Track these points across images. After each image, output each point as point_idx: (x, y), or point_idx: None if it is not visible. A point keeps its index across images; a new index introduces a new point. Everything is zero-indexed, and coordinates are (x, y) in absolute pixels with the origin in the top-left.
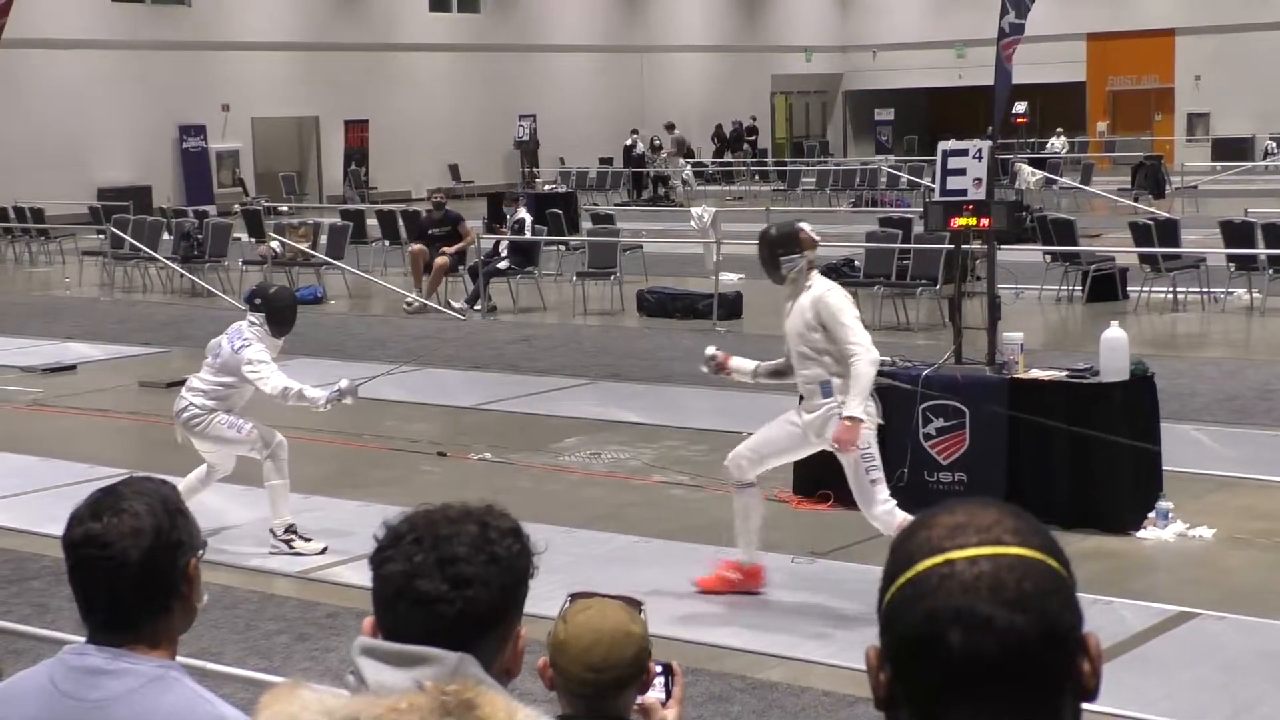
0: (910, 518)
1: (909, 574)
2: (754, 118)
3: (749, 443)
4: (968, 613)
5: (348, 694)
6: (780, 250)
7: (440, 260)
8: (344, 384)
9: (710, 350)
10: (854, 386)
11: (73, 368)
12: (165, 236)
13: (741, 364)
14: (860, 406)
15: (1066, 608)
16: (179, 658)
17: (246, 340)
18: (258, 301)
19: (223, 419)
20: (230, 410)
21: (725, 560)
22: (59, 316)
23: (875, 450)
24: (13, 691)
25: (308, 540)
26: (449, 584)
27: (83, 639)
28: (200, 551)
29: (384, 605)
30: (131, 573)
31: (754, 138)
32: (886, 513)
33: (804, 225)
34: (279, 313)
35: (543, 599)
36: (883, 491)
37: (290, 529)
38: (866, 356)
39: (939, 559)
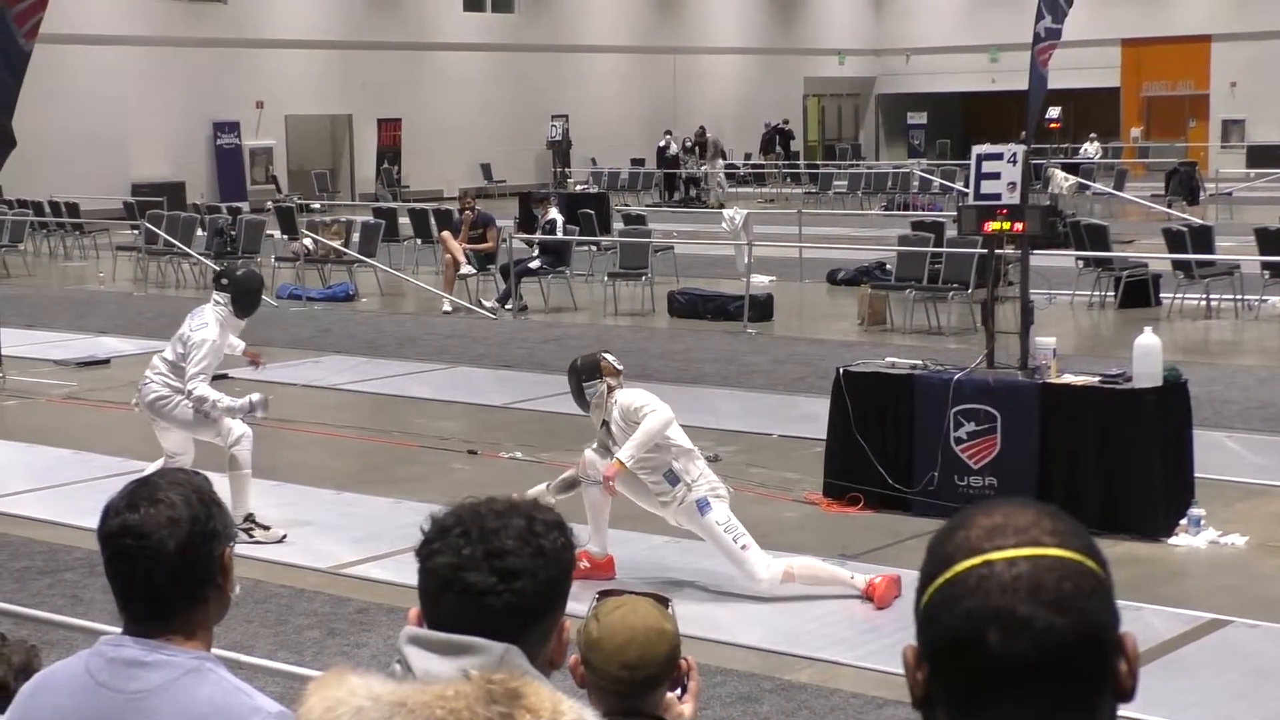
0: (790, 563)
1: (947, 574)
2: (787, 121)
3: (594, 458)
4: (1007, 613)
5: (395, 681)
6: (584, 378)
7: (449, 258)
8: (255, 397)
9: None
10: (637, 434)
11: (106, 362)
12: (199, 232)
13: (534, 490)
14: (630, 454)
15: (1105, 609)
16: (213, 650)
17: (204, 322)
18: (224, 281)
19: (187, 402)
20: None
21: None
22: (93, 311)
23: (734, 520)
24: (49, 682)
25: (266, 528)
26: (497, 576)
27: (117, 630)
28: (233, 543)
29: (431, 597)
30: (169, 563)
31: (790, 140)
32: (770, 576)
33: (607, 355)
34: (245, 294)
35: (570, 597)
36: (757, 556)
37: (249, 518)
38: (657, 414)
39: (977, 560)
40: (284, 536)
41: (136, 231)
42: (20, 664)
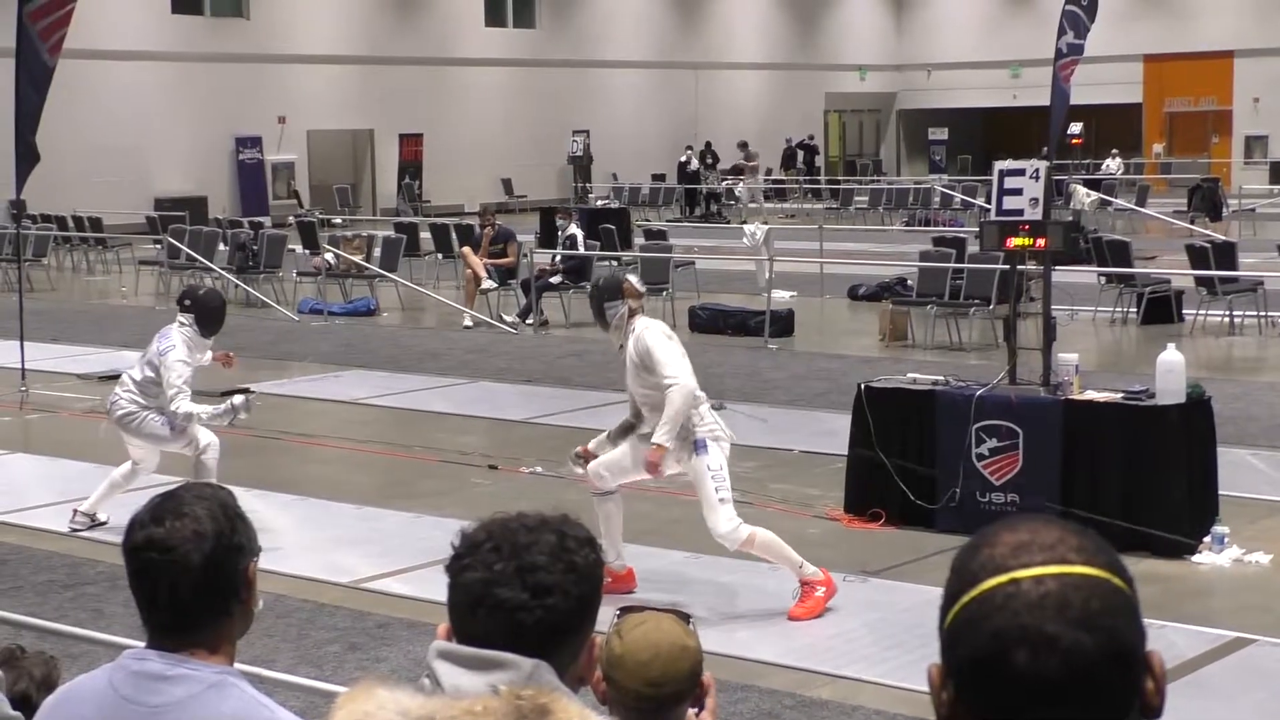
0: (756, 531)
1: (973, 593)
2: (812, 136)
3: (605, 459)
4: (1034, 632)
5: (423, 696)
6: (605, 298)
7: (470, 273)
8: (237, 400)
9: (574, 452)
10: (665, 414)
11: None
12: (221, 247)
13: (597, 441)
14: (668, 435)
15: (1132, 627)
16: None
17: (172, 344)
18: (187, 303)
19: (155, 417)
20: (162, 409)
21: None
22: (115, 325)
23: (725, 471)
24: (73, 695)
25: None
26: (529, 592)
27: (140, 643)
28: (257, 557)
29: (462, 612)
30: (194, 576)
31: (814, 156)
32: (731, 531)
33: (631, 277)
34: (208, 314)
35: None
36: (729, 510)
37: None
38: (679, 388)
39: (1004, 578)
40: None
41: (159, 246)
42: (41, 676)
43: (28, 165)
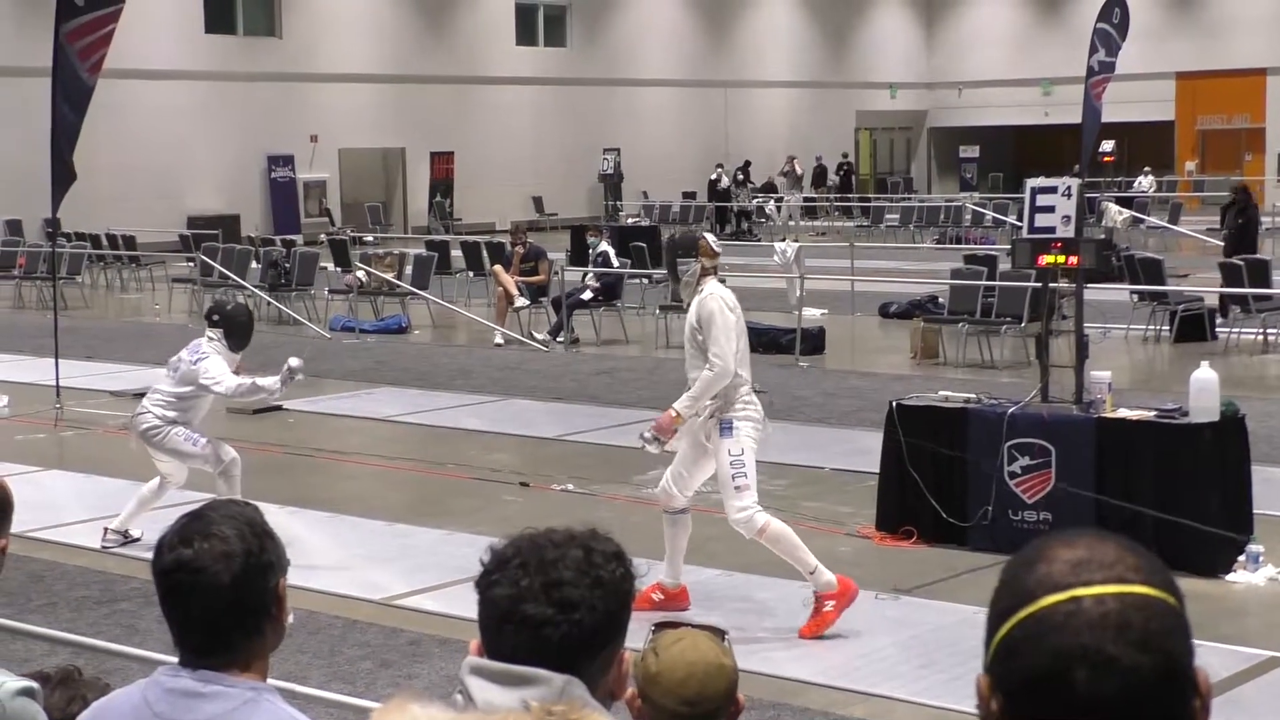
0: (771, 520)
1: (1031, 609)
2: (846, 155)
3: (669, 472)
4: (1095, 652)
5: (456, 711)
6: (679, 253)
7: (501, 291)
8: (293, 362)
9: (646, 434)
10: (695, 387)
11: None
12: (253, 265)
13: (675, 409)
14: (687, 405)
15: (1186, 648)
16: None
17: (204, 354)
18: (216, 318)
19: (180, 432)
20: (189, 423)
21: (654, 583)
22: (148, 342)
23: (749, 459)
24: (108, 712)
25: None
26: (555, 608)
27: (173, 659)
28: (286, 572)
29: (491, 628)
30: (224, 596)
31: (852, 176)
32: (746, 519)
33: (708, 235)
34: (237, 328)
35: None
36: (745, 498)
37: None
38: (717, 366)
39: (1063, 595)
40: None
41: (192, 264)
42: (95, 700)
43: (64, 184)
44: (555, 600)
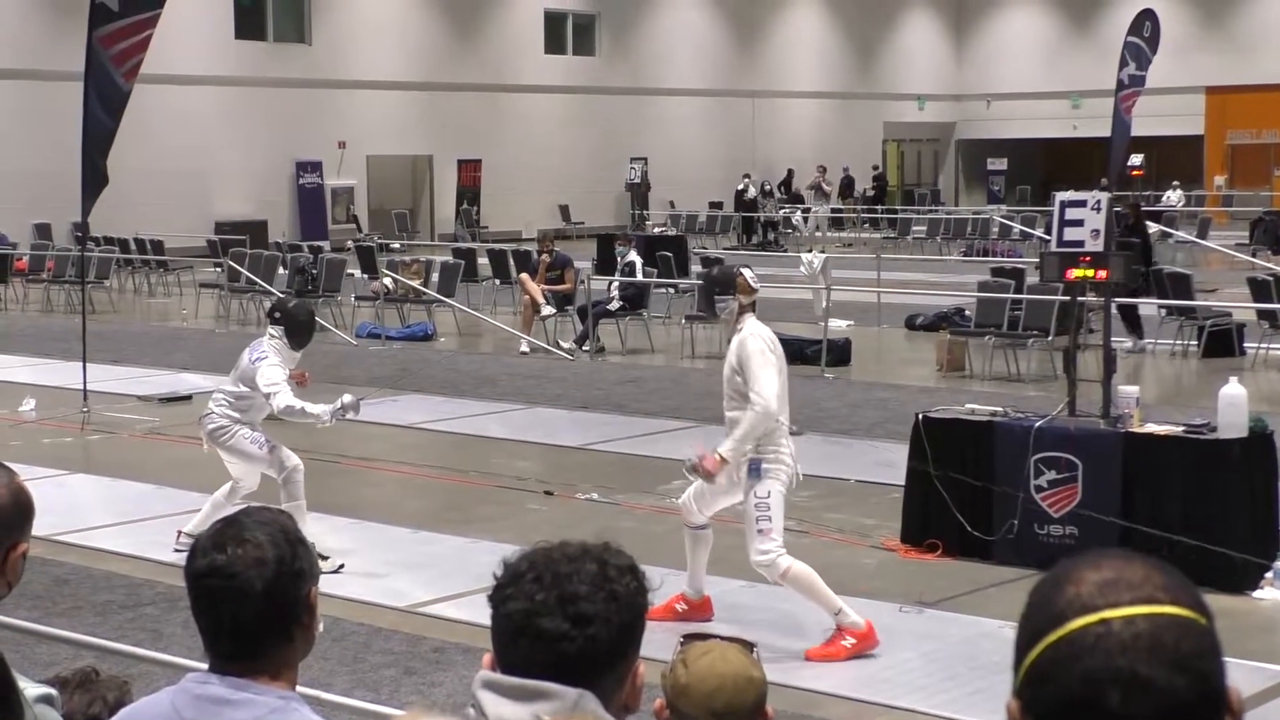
0: (794, 563)
1: (1061, 632)
2: (876, 167)
3: (694, 489)
4: (1128, 674)
5: None
6: (717, 291)
7: (527, 299)
8: (346, 399)
9: (689, 459)
10: (738, 429)
11: (188, 398)
12: (280, 271)
13: (720, 452)
14: (731, 450)
15: (1217, 666)
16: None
17: (264, 354)
18: (277, 315)
19: (246, 433)
20: (252, 424)
21: (678, 593)
22: (176, 347)
23: (775, 503)
24: (135, 716)
25: (325, 558)
26: (570, 622)
27: (197, 665)
28: (317, 581)
29: (505, 642)
30: (256, 603)
31: (885, 188)
32: (768, 562)
33: (745, 270)
34: (297, 326)
35: (648, 641)
36: (768, 541)
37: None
38: (760, 407)
39: (1093, 618)
40: (341, 566)
41: (219, 269)
42: (114, 700)
43: (95, 189)
44: (571, 615)
